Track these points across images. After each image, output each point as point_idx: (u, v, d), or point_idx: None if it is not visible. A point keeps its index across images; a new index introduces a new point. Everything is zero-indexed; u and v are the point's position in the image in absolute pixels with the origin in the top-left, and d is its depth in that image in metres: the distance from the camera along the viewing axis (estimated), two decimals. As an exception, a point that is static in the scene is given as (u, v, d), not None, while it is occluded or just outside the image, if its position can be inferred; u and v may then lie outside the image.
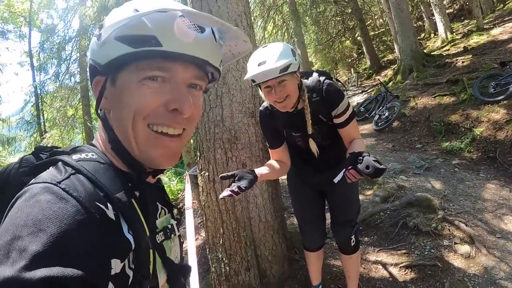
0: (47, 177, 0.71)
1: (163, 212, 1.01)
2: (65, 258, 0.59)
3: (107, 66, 0.81)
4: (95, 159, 0.82)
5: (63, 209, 0.64)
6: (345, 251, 2.89)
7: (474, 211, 4.41)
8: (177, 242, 1.05)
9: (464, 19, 18.47)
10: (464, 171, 6.06)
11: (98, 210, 0.69)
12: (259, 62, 2.07)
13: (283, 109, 2.26)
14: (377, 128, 9.77)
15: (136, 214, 0.81)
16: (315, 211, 2.91)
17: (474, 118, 7.37)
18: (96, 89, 0.86)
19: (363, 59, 21.80)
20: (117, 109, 0.84)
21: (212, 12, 3.14)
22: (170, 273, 0.92)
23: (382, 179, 5.49)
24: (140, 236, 0.77)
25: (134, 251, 0.75)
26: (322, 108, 2.35)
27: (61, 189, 0.68)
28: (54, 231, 0.59)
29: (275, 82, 2.11)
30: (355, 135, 2.43)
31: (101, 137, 0.91)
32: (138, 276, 0.75)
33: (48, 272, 0.55)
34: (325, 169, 2.62)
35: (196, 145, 3.45)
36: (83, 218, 0.65)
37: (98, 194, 0.73)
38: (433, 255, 3.57)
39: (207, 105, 3.16)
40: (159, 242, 0.90)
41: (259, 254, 3.32)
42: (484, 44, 11.81)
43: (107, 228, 0.70)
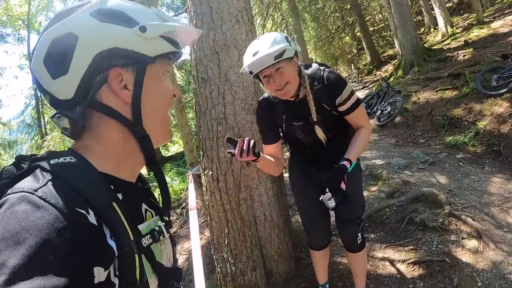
0: (23, 186, 0.69)
1: (149, 214, 0.98)
2: (45, 269, 0.57)
3: (152, 59, 0.88)
4: (73, 163, 0.79)
5: (41, 218, 0.62)
6: (352, 249, 2.86)
7: (480, 205, 4.37)
8: (169, 245, 1.04)
9: (463, 12, 18.43)
10: (469, 165, 6.02)
11: (78, 216, 0.67)
12: (253, 53, 2.05)
13: (284, 96, 2.23)
14: (379, 123, 9.74)
15: (118, 217, 0.77)
16: (319, 210, 2.79)
17: (477, 112, 7.33)
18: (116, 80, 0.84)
19: (363, 54, 21.80)
20: (149, 98, 0.90)
21: (212, 8, 3.12)
22: (161, 278, 0.91)
23: (387, 175, 5.47)
24: (123, 241, 0.75)
25: (118, 258, 0.74)
26: (325, 96, 2.32)
27: (38, 197, 0.65)
28: (32, 242, 0.58)
29: (272, 70, 2.09)
30: (363, 122, 2.43)
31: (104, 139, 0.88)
32: (124, 283, 0.74)
33: (29, 286, 0.54)
34: (329, 166, 2.59)
35: (199, 144, 3.42)
36: (63, 226, 0.63)
37: (78, 199, 0.70)
38: (441, 251, 3.53)
39: (209, 102, 3.13)
40: (145, 245, 0.87)
41: (265, 253, 3.29)
42: (485, 37, 11.78)
43: (89, 234, 0.68)
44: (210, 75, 3.12)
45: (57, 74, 0.80)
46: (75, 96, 0.82)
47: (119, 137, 0.88)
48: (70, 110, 0.84)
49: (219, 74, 3.10)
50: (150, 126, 0.91)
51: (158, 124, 0.95)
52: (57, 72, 0.80)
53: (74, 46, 0.78)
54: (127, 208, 0.81)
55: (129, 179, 0.93)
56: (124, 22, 0.83)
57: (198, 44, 3.18)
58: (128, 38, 0.83)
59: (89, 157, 0.83)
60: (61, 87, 0.82)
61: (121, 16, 0.84)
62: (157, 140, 0.96)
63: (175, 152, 19.69)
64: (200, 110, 3.23)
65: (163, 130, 0.98)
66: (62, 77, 0.80)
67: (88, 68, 0.80)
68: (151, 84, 0.90)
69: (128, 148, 0.90)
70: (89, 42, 0.79)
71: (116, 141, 0.88)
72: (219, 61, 3.10)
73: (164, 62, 0.93)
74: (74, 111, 0.84)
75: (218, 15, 3.11)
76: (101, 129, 0.86)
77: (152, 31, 0.85)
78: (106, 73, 0.83)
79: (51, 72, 0.81)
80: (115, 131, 0.87)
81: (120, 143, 0.88)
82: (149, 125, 0.91)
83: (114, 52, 0.81)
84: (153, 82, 0.90)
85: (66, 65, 0.79)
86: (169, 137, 1.02)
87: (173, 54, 0.94)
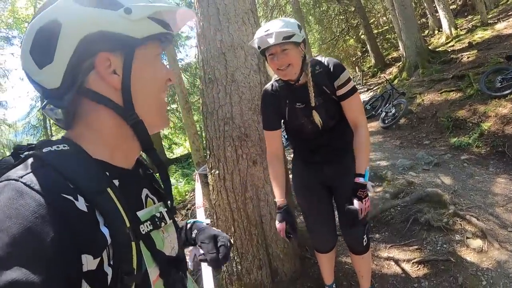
0: (10, 174, 0.69)
1: (150, 201, 0.97)
2: (28, 258, 0.57)
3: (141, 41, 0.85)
4: (65, 150, 0.78)
5: (25, 206, 0.61)
6: (356, 252, 2.85)
7: (485, 206, 4.37)
8: (172, 232, 1.02)
9: (467, 14, 18.39)
10: (473, 166, 6.02)
11: (64, 202, 0.66)
12: (265, 30, 2.17)
13: (284, 77, 2.34)
14: (384, 125, 9.74)
15: (112, 203, 0.75)
16: (324, 212, 2.83)
17: (482, 113, 7.33)
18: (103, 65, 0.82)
19: (368, 57, 21.77)
20: (139, 83, 0.87)
21: (219, 10, 3.15)
22: (162, 267, 0.88)
23: (392, 176, 5.48)
24: (117, 228, 0.73)
25: (112, 246, 0.71)
26: (325, 79, 2.40)
27: (22, 184, 0.65)
28: (15, 230, 0.58)
29: (278, 49, 2.20)
30: (359, 114, 2.49)
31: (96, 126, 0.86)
32: (118, 273, 0.71)
33: (12, 275, 0.54)
34: (332, 159, 2.63)
35: (206, 143, 3.45)
36: (47, 212, 0.62)
37: (65, 186, 0.69)
38: (446, 250, 3.54)
39: (216, 103, 3.16)
40: (144, 232, 0.85)
41: (270, 252, 3.30)
42: (489, 39, 11.75)
43: (76, 221, 0.66)
44: (217, 76, 3.15)
45: (43, 63, 0.79)
46: (63, 84, 0.80)
47: (111, 124, 0.86)
48: (59, 99, 0.82)
49: (226, 74, 3.13)
50: (143, 111, 0.89)
51: (153, 110, 0.92)
52: (43, 61, 0.79)
53: (58, 33, 0.76)
54: (124, 194, 0.80)
55: (126, 165, 0.92)
56: (109, 5, 0.80)
57: (205, 45, 3.22)
58: (113, 21, 0.80)
59: (83, 144, 0.82)
60: (48, 76, 0.81)
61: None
62: (152, 125, 0.93)
63: (180, 154, 19.72)
64: (207, 110, 3.26)
65: (157, 115, 0.95)
66: (48, 66, 0.79)
67: (73, 54, 0.78)
68: (141, 67, 0.87)
69: (121, 134, 0.88)
70: (72, 27, 0.77)
71: (108, 127, 0.86)
72: (226, 62, 3.13)
73: (155, 45, 0.91)
74: (63, 99, 0.82)
75: (224, 16, 3.15)
76: (92, 116, 0.85)
77: (138, 13, 0.82)
78: (93, 59, 0.81)
79: (37, 62, 0.80)
80: (106, 118, 0.85)
81: (112, 130, 0.86)
82: (142, 111, 0.88)
83: (99, 36, 0.79)
84: (144, 65, 0.88)
85: (51, 53, 0.77)
86: (164, 123, 1.00)
87: (164, 36, 0.91)
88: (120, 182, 0.84)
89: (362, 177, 2.37)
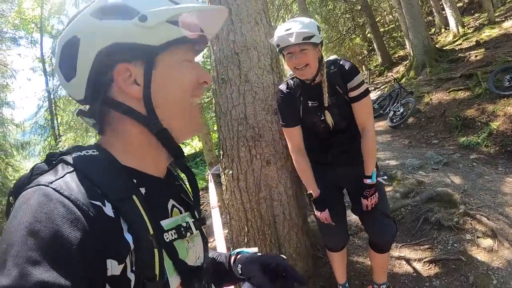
0: (40, 180, 0.71)
1: (176, 211, 0.96)
2: (56, 261, 0.59)
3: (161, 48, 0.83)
4: (95, 156, 0.81)
5: (54, 210, 0.63)
6: (384, 250, 2.84)
7: (494, 205, 4.37)
8: (198, 242, 1.01)
9: (474, 12, 18.25)
10: (483, 165, 6.01)
11: (93, 208, 0.68)
12: (286, 29, 2.29)
13: (301, 76, 2.44)
14: (392, 124, 9.72)
15: (136, 210, 0.76)
16: (338, 210, 2.84)
17: (490, 112, 7.32)
18: (122, 76, 0.83)
19: (374, 56, 21.66)
20: (162, 91, 0.86)
21: (232, 10, 3.15)
22: (183, 276, 0.87)
23: (402, 175, 5.49)
24: (140, 234, 0.74)
25: (134, 252, 0.73)
26: (339, 79, 2.48)
27: (52, 190, 0.67)
28: (44, 233, 0.59)
29: (297, 48, 2.30)
30: (368, 119, 2.56)
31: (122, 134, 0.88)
32: (141, 279, 0.72)
33: (40, 277, 0.56)
34: (344, 160, 2.68)
35: (219, 143, 3.48)
36: (75, 217, 0.64)
37: (94, 191, 0.71)
38: (456, 250, 3.55)
39: (230, 103, 3.18)
40: (167, 241, 0.85)
41: (283, 252, 3.31)
42: (497, 37, 11.67)
43: (103, 226, 0.68)
44: (230, 76, 3.17)
45: (69, 77, 0.84)
46: (86, 96, 0.86)
47: (136, 132, 0.87)
48: (88, 108, 0.90)
49: (239, 75, 3.15)
50: (169, 118, 0.88)
51: (179, 116, 0.90)
52: (69, 75, 0.84)
53: (77, 49, 0.80)
54: (150, 202, 0.81)
55: (155, 173, 0.93)
56: (124, 15, 0.80)
57: (218, 45, 3.24)
58: (127, 31, 0.80)
59: (112, 151, 0.85)
60: (73, 89, 0.87)
61: (121, 9, 0.81)
62: (180, 133, 0.92)
63: (187, 154, 19.71)
64: (221, 110, 3.28)
65: (185, 122, 0.93)
66: (73, 79, 0.84)
67: (92, 68, 0.81)
68: (164, 74, 0.86)
69: (148, 143, 0.88)
70: (88, 42, 0.80)
71: (133, 136, 0.87)
72: (239, 62, 3.15)
73: (180, 50, 0.87)
74: (90, 109, 0.89)
75: (237, 17, 3.16)
76: (119, 125, 0.87)
77: (154, 19, 0.80)
78: (112, 71, 0.82)
79: (65, 76, 0.86)
80: (131, 127, 0.87)
81: (138, 138, 0.87)
82: (167, 118, 0.88)
83: (114, 48, 0.80)
84: (167, 72, 0.86)
85: (74, 68, 0.82)
86: (195, 130, 0.99)
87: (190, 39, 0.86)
88: (146, 190, 0.85)
89: (369, 178, 2.52)
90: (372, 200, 2.56)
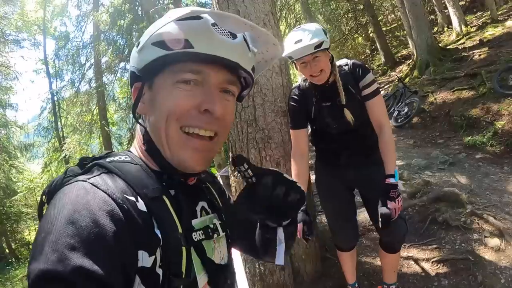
0: (78, 178, 0.77)
1: (204, 212, 0.99)
2: (94, 248, 0.62)
3: (145, 70, 0.85)
4: (128, 161, 0.86)
5: (91, 201, 0.67)
6: (396, 250, 2.85)
7: (501, 205, 4.38)
8: (224, 244, 1.04)
9: (476, 11, 18.18)
10: (488, 165, 6.01)
11: (128, 201, 0.73)
12: (295, 41, 2.35)
13: (318, 82, 2.50)
14: (397, 124, 9.72)
15: (166, 209, 0.81)
16: (348, 210, 2.89)
17: (495, 112, 7.30)
18: (134, 95, 0.91)
19: (377, 55, 21.59)
20: (152, 112, 0.88)
21: (240, 12, 3.17)
22: (211, 274, 0.89)
23: (408, 175, 5.51)
24: (169, 231, 0.78)
25: (163, 248, 0.76)
26: (350, 78, 2.54)
27: (90, 184, 0.72)
28: (82, 222, 0.63)
29: (310, 58, 2.37)
30: (383, 117, 2.57)
31: (138, 141, 0.96)
32: (168, 275, 0.75)
33: (78, 262, 0.59)
34: (356, 162, 2.69)
35: (228, 146, 3.50)
36: (111, 209, 0.68)
37: (128, 189, 0.76)
38: (464, 249, 3.58)
39: (239, 105, 3.17)
40: (196, 240, 0.88)
41: (293, 253, 3.34)
42: (500, 36, 11.61)
43: (137, 219, 0.72)
44: (239, 78, 3.18)
45: None
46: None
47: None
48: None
49: (248, 77, 3.16)
50: (157, 143, 0.89)
51: (164, 143, 0.87)
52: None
53: None
54: (179, 203, 0.85)
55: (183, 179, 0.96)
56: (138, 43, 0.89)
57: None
58: (132, 56, 0.90)
59: (142, 157, 0.92)
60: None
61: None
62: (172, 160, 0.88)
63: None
64: (230, 112, 3.28)
65: (171, 153, 0.87)
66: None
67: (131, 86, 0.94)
68: (155, 96, 0.87)
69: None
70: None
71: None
72: (248, 65, 3.16)
73: (171, 71, 0.84)
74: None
75: (245, 19, 3.17)
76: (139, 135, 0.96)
77: (142, 43, 0.85)
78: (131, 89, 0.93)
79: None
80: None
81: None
82: (158, 142, 0.88)
83: (130, 72, 0.90)
84: (157, 95, 0.86)
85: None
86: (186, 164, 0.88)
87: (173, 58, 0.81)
88: (176, 192, 0.88)
89: (393, 177, 2.43)
90: (399, 204, 2.40)
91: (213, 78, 0.85)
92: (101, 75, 16.08)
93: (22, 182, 22.69)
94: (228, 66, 0.85)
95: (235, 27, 0.86)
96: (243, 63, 0.86)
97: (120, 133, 18.60)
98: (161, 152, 0.88)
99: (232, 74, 0.89)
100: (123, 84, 17.16)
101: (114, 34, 15.45)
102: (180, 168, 0.88)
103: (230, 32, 0.85)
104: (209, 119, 0.85)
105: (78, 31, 17.80)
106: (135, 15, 14.75)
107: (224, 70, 0.86)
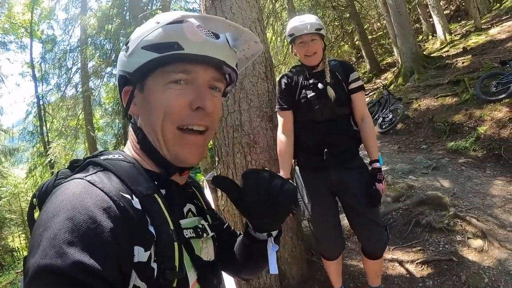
0: (74, 176, 0.79)
1: (191, 214, 1.02)
2: (91, 243, 0.63)
3: (136, 73, 0.88)
4: (121, 159, 0.88)
5: (88, 198, 0.69)
6: (377, 256, 2.86)
7: (483, 207, 4.48)
8: (211, 244, 1.06)
9: (461, 20, 18.50)
10: (471, 169, 6.13)
11: (123, 199, 0.74)
12: (300, 21, 2.70)
13: (310, 63, 2.77)
14: (381, 130, 9.84)
15: (158, 206, 0.82)
16: (332, 219, 2.87)
17: (478, 117, 7.46)
18: (125, 98, 0.94)
19: (363, 63, 21.77)
20: (146, 113, 0.91)
21: (227, 19, 3.19)
22: (199, 271, 0.92)
23: (392, 180, 5.58)
24: (162, 227, 0.80)
25: (156, 243, 0.78)
26: (340, 69, 2.83)
27: (86, 181, 0.74)
28: (79, 218, 0.64)
29: (309, 38, 2.68)
30: (364, 109, 2.87)
31: (131, 141, 0.97)
32: (161, 269, 0.77)
33: (75, 257, 0.60)
34: (337, 163, 2.72)
35: (214, 150, 3.52)
36: (108, 206, 0.70)
37: (123, 187, 0.78)
38: (448, 250, 3.64)
39: (225, 110, 3.22)
40: (187, 237, 0.91)
41: (278, 256, 3.33)
42: (483, 44, 11.85)
43: (132, 216, 0.74)
44: (225, 84, 3.21)
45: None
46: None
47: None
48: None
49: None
50: (155, 142, 0.91)
51: (161, 142, 0.90)
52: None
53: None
54: (170, 202, 0.87)
55: (175, 179, 0.99)
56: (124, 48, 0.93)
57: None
58: (120, 61, 0.92)
59: (135, 156, 0.94)
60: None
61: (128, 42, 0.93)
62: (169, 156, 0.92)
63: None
64: (216, 117, 3.31)
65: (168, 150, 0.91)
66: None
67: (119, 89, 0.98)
68: (147, 98, 0.90)
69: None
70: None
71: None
72: (234, 70, 3.19)
73: (163, 73, 0.87)
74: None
75: (232, 26, 3.21)
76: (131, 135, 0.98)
77: (131, 47, 0.87)
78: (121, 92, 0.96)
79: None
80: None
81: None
82: (154, 140, 0.91)
83: (120, 76, 0.94)
84: (149, 96, 0.89)
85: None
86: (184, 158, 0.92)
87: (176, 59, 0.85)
88: (167, 191, 0.91)
89: (378, 162, 2.71)
90: (385, 185, 2.72)
91: (202, 77, 0.89)
92: (87, 80, 15.99)
93: (6, 188, 22.28)
94: (216, 64, 0.90)
95: (218, 28, 0.90)
96: (229, 60, 0.92)
97: (106, 139, 18.43)
98: (157, 149, 0.91)
99: (219, 71, 0.93)
100: (110, 89, 17.07)
101: (102, 38, 15.41)
102: (176, 163, 0.92)
103: (213, 33, 0.89)
104: (201, 115, 0.89)
105: (65, 35, 17.80)
106: (123, 20, 14.72)
107: (212, 68, 0.91)
